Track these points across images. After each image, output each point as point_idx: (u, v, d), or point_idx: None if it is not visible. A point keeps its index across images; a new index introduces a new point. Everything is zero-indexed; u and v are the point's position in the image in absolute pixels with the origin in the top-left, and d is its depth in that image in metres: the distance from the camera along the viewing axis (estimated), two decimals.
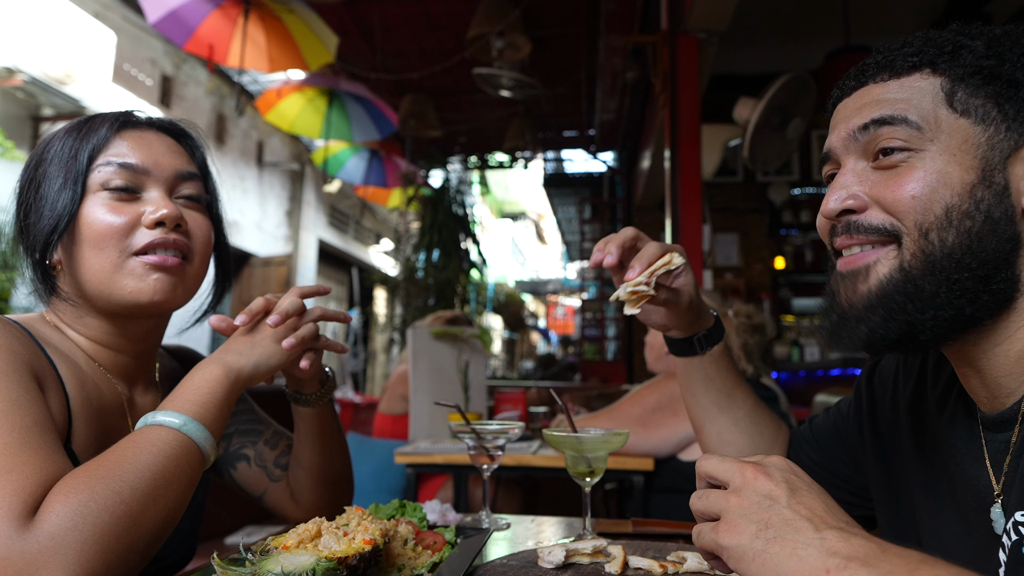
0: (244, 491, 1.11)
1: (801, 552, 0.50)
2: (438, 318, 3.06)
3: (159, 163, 0.88)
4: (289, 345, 0.88)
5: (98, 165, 0.84)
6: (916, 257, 0.64)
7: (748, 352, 1.99)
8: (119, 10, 6.79)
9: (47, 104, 6.17)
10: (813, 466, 0.96)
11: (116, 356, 0.90)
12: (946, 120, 0.65)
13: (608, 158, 8.24)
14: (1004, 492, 0.65)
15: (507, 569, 0.82)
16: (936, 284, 0.63)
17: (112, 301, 0.85)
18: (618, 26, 4.99)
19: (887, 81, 0.69)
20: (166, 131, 0.92)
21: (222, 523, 2.19)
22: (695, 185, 3.41)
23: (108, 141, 0.86)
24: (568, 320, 19.65)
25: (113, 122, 0.87)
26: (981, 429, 0.70)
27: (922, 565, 0.46)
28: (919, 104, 0.66)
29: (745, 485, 0.56)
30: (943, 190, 0.64)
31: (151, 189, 0.87)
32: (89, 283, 0.84)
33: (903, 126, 0.66)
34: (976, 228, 0.63)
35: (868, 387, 0.91)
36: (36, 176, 0.85)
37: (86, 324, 0.88)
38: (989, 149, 0.64)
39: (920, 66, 0.67)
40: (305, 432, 1.04)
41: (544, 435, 1.00)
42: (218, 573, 0.65)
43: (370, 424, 3.48)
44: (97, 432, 0.84)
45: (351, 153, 6.98)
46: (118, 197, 0.84)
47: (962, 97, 0.65)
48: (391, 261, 13.00)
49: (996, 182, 0.63)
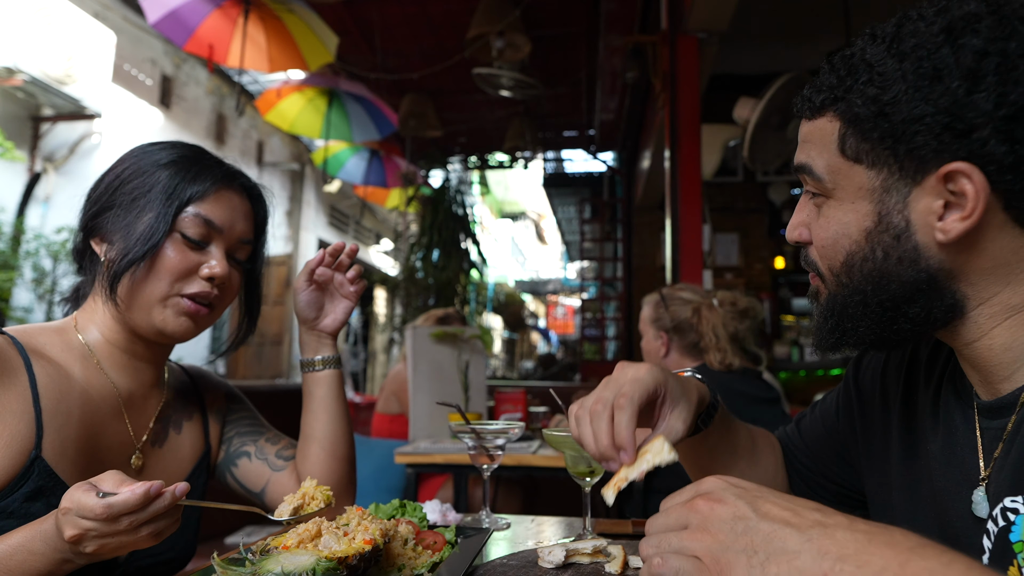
0: (245, 489, 1.12)
1: (797, 563, 0.48)
2: (430, 317, 3.05)
3: (233, 227, 1.00)
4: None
5: (188, 213, 0.96)
6: (835, 290, 0.71)
7: (741, 340, 1.97)
8: (119, 10, 6.80)
9: (47, 104, 6.17)
10: (807, 472, 0.96)
11: (129, 358, 1.00)
12: (842, 168, 0.67)
13: (608, 158, 8.24)
14: (992, 477, 0.65)
15: (507, 569, 0.82)
16: (855, 309, 0.69)
17: (142, 322, 0.96)
18: (618, 26, 4.99)
19: (808, 120, 0.71)
20: (248, 193, 1.05)
21: (222, 523, 2.19)
22: (695, 185, 3.41)
23: (208, 194, 0.97)
24: (568, 320, 19.66)
25: (219, 179, 0.99)
26: (976, 415, 0.70)
27: (912, 555, 0.45)
28: (823, 150, 0.68)
29: (706, 519, 0.53)
30: (843, 240, 0.67)
31: (215, 245, 0.99)
32: (136, 299, 0.95)
33: (811, 176, 0.70)
34: (876, 269, 0.66)
35: (856, 382, 0.91)
36: (132, 186, 0.95)
37: (114, 328, 0.98)
38: (884, 192, 0.65)
39: (825, 106, 0.68)
40: (321, 399, 1.12)
41: (544, 435, 1.00)
42: (218, 573, 0.65)
43: (369, 424, 3.48)
44: (86, 433, 0.90)
45: (351, 153, 6.98)
46: (190, 245, 0.96)
47: (852, 144, 0.65)
48: (391, 261, 13.00)
49: (895, 224, 0.64)
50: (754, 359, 2.00)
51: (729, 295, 2.02)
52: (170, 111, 7.74)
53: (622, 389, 0.73)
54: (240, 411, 1.18)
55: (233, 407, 1.18)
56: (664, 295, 2.09)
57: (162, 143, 1.01)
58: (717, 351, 1.94)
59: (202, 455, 1.09)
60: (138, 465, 0.98)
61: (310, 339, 1.14)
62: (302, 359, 1.15)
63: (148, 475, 0.99)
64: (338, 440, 1.12)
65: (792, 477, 0.98)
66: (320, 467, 1.10)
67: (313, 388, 1.13)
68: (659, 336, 2.06)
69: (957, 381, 0.74)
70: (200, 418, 1.11)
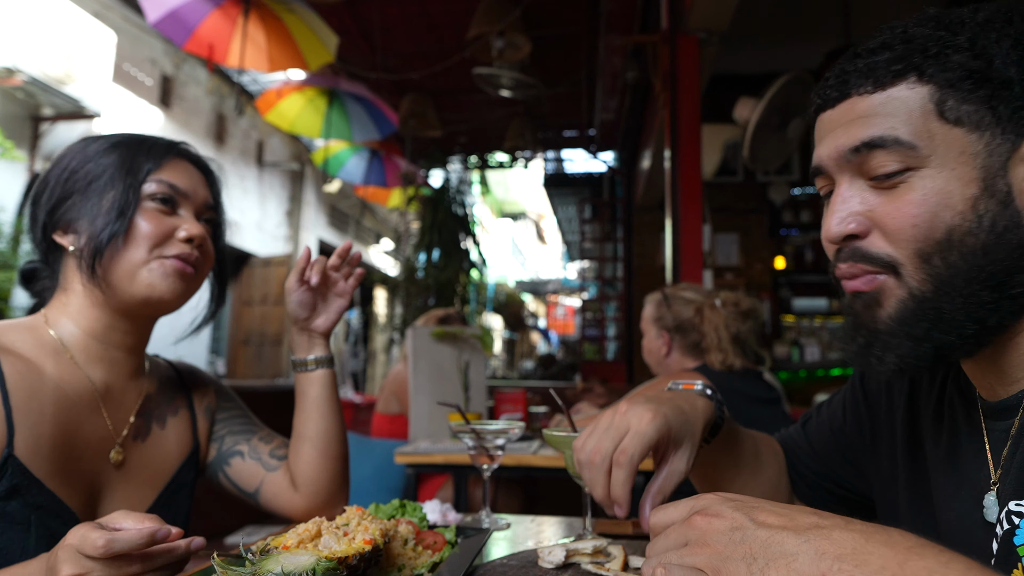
0: (238, 489, 1.12)
1: (796, 565, 0.48)
2: (431, 318, 3.04)
3: (195, 191, 1.03)
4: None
5: (152, 179, 0.98)
6: (924, 282, 0.62)
7: (743, 340, 1.97)
8: (119, 10, 6.79)
9: (47, 104, 6.17)
10: (812, 476, 0.95)
11: (106, 349, 0.99)
12: (939, 132, 0.61)
13: (608, 158, 8.23)
14: (1000, 480, 0.65)
15: (507, 569, 0.82)
16: (953, 302, 0.61)
17: (128, 291, 0.95)
18: (618, 26, 4.99)
19: (871, 93, 0.64)
20: (198, 166, 1.07)
21: (222, 523, 2.19)
22: (695, 185, 3.40)
23: (163, 162, 1.00)
24: (568, 320, 19.66)
25: (170, 148, 1.02)
26: (982, 418, 0.69)
27: (910, 555, 0.45)
28: (908, 118, 0.62)
29: (704, 534, 0.53)
30: (944, 212, 0.61)
31: (184, 209, 1.01)
32: (115, 272, 0.95)
33: (896, 147, 0.62)
34: (980, 243, 0.60)
35: (862, 384, 0.90)
36: (82, 173, 0.96)
37: (90, 316, 0.97)
38: (988, 156, 0.60)
39: (904, 74, 0.62)
40: (314, 399, 1.12)
41: (544, 435, 1.00)
42: (218, 573, 0.65)
43: (369, 424, 3.48)
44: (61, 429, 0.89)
45: (351, 153, 6.98)
46: (161, 209, 0.98)
47: (953, 105, 0.61)
48: (391, 261, 13.00)
49: (999, 190, 0.60)
50: (756, 360, 2.00)
51: (732, 296, 2.02)
52: (170, 111, 7.74)
53: (623, 444, 0.72)
54: (231, 409, 1.17)
55: (223, 405, 1.17)
56: (666, 294, 2.09)
57: (97, 136, 1.02)
58: (719, 351, 1.93)
59: (191, 452, 1.08)
60: (118, 460, 0.97)
61: (302, 339, 1.14)
62: (294, 359, 1.15)
63: (129, 469, 0.98)
64: (332, 440, 1.12)
65: (795, 481, 0.97)
66: (313, 467, 1.10)
67: (306, 388, 1.13)
68: (661, 335, 2.06)
69: (962, 383, 0.73)
70: (187, 414, 1.11)
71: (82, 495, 0.91)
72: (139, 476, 1.00)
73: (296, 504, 1.10)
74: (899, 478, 0.80)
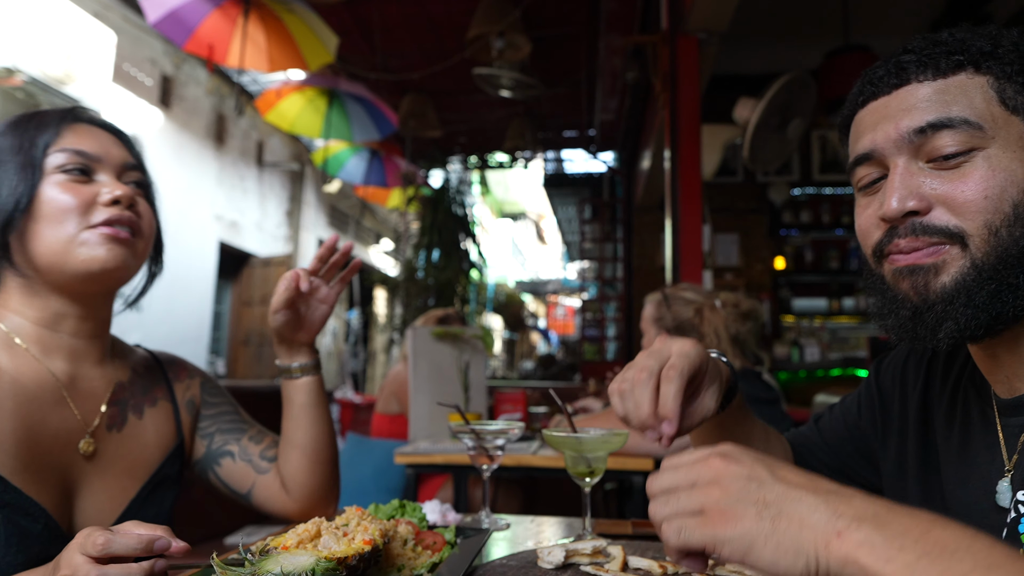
0: (230, 489, 1.11)
1: (810, 520, 0.47)
2: (430, 318, 3.04)
3: (108, 152, 0.97)
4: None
5: (53, 152, 0.92)
6: (988, 255, 0.64)
7: (742, 342, 1.97)
8: (119, 10, 6.79)
9: (47, 104, 6.16)
10: (825, 470, 0.95)
11: (63, 337, 0.95)
12: (1001, 117, 0.66)
13: (608, 158, 8.23)
14: (1015, 468, 0.67)
15: (507, 569, 0.82)
16: (1014, 273, 0.64)
17: (66, 271, 0.91)
18: (618, 26, 4.99)
19: (932, 80, 0.68)
20: (106, 128, 1.01)
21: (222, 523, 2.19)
22: (695, 185, 3.40)
23: (60, 133, 0.94)
24: (568, 320, 19.65)
25: (64, 116, 0.96)
26: (997, 415, 0.71)
27: (934, 525, 0.45)
28: (972, 103, 0.66)
29: (720, 475, 0.52)
30: (1011, 188, 0.64)
31: (102, 174, 0.95)
32: (44, 256, 0.90)
33: (964, 127, 0.65)
34: None
35: (877, 381, 0.91)
36: None
37: (34, 305, 0.93)
38: None
39: (964, 65, 0.67)
40: (300, 405, 1.09)
41: (544, 435, 1.00)
42: (218, 573, 0.64)
43: (369, 424, 3.48)
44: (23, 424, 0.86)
45: (351, 153, 6.98)
46: (74, 179, 0.92)
47: (1011, 95, 0.66)
48: (391, 261, 13.00)
49: None
50: (755, 360, 2.00)
51: (732, 296, 2.03)
52: (170, 111, 7.74)
53: (671, 360, 0.73)
54: (219, 404, 1.14)
55: (210, 400, 1.14)
56: (667, 295, 2.09)
57: None
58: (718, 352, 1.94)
59: (175, 445, 1.06)
60: (88, 451, 0.93)
61: (282, 348, 1.11)
62: (279, 363, 1.12)
63: (104, 460, 0.96)
64: (321, 446, 1.10)
65: None
66: (304, 473, 1.09)
67: (292, 395, 1.11)
68: (660, 336, 2.06)
69: (977, 381, 0.75)
70: (168, 405, 1.08)
71: (53, 490, 0.88)
72: (116, 467, 0.96)
73: (288, 507, 1.09)
74: (909, 468, 0.81)
